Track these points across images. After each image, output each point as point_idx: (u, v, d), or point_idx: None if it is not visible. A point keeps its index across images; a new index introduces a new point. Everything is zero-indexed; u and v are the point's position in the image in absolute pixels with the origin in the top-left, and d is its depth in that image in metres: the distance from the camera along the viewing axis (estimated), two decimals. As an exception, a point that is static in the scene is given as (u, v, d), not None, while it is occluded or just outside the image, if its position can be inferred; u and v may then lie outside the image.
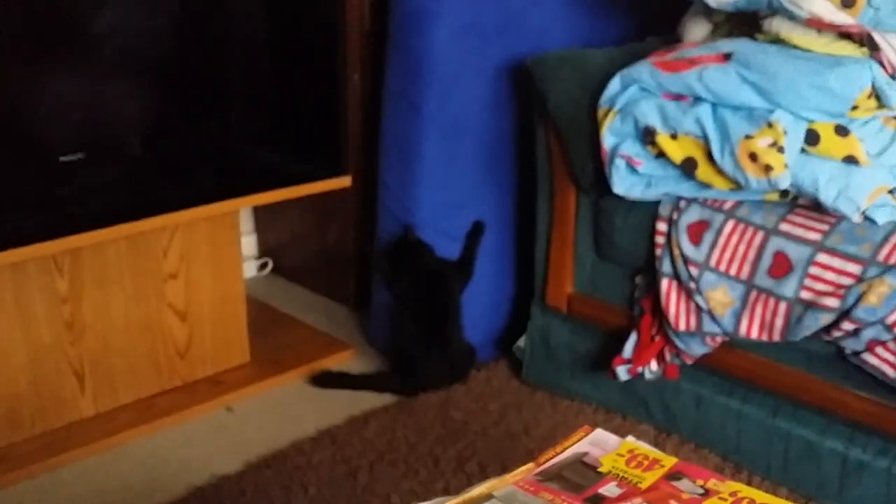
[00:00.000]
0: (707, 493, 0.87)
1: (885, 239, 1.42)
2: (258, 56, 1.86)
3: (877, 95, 1.44)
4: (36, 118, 1.59)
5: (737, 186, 1.49)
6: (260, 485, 1.60)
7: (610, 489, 0.86)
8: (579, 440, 0.95)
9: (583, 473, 0.89)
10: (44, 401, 1.72)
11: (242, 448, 1.72)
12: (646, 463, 0.91)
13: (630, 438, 0.96)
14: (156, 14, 1.70)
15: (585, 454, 0.92)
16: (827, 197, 1.43)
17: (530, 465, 0.90)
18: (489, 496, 0.84)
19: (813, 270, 1.45)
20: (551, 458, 0.91)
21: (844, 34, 1.49)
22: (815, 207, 1.49)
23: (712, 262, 1.55)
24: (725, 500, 0.85)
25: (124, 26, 1.65)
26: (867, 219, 1.46)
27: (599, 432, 0.97)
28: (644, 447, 0.94)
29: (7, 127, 1.55)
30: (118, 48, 1.66)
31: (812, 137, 1.44)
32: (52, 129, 1.62)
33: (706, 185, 1.54)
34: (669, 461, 0.92)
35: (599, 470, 0.90)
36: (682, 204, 1.61)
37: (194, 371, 1.92)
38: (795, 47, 1.51)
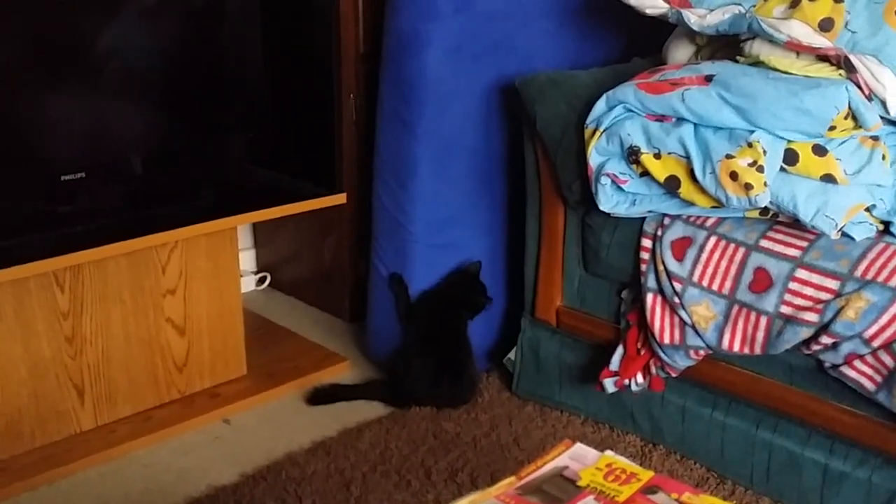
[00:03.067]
0: (682, 506, 0.90)
1: (863, 255, 1.46)
2: (256, 77, 1.89)
3: (854, 116, 1.47)
4: (38, 138, 1.63)
5: (718, 204, 1.53)
6: (256, 496, 1.63)
7: (588, 503, 0.89)
8: (559, 454, 0.98)
9: (562, 487, 0.92)
10: (44, 413, 1.75)
11: (239, 459, 1.76)
12: (623, 477, 0.94)
13: (608, 453, 0.99)
14: (156, 36, 1.74)
15: (565, 468, 0.95)
16: (806, 214, 1.47)
17: (512, 478, 0.93)
18: (471, 509, 0.87)
19: (792, 286, 1.49)
20: (532, 472, 0.94)
21: (822, 57, 1.54)
22: (795, 225, 1.53)
23: (695, 278, 1.59)
24: (699, 512, 0.89)
25: (125, 48, 1.68)
26: (845, 235, 1.50)
27: (579, 446, 1.00)
28: (622, 461, 0.97)
29: (9, 146, 1.59)
30: (118, 69, 1.69)
31: (791, 157, 1.48)
32: (54, 148, 1.65)
33: (689, 203, 1.57)
34: (646, 475, 0.95)
35: (578, 484, 0.92)
36: (667, 221, 1.65)
37: (192, 384, 1.96)
38: (775, 69, 1.56)
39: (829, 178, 1.47)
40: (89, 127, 1.69)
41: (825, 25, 1.55)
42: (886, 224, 1.52)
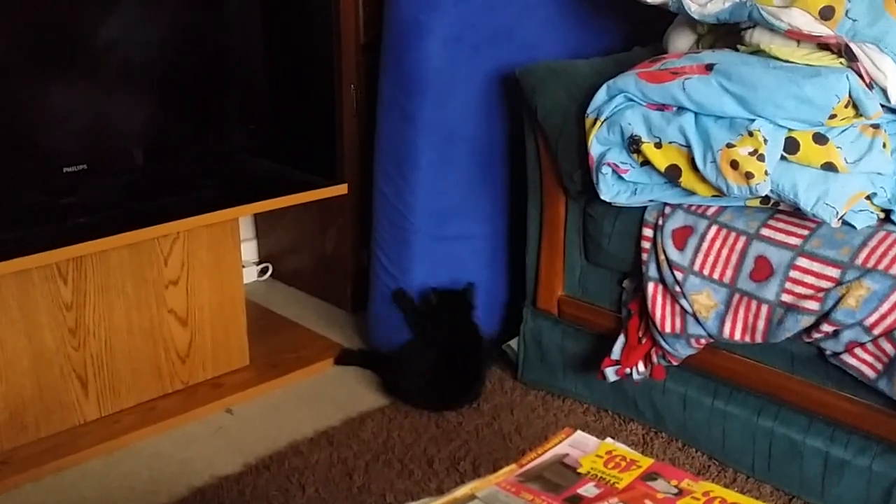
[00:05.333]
0: (681, 492, 0.90)
1: (863, 243, 1.46)
2: (256, 68, 1.90)
3: (854, 105, 1.47)
4: (40, 130, 1.63)
5: (719, 193, 1.53)
6: (259, 485, 1.64)
7: (588, 489, 0.90)
8: (560, 442, 0.98)
9: (562, 474, 0.93)
10: (48, 405, 1.76)
11: (242, 449, 1.76)
12: (623, 464, 0.95)
13: (608, 440, 0.99)
14: (157, 27, 1.74)
15: (566, 455, 0.96)
16: (806, 203, 1.47)
17: (513, 466, 0.93)
18: (472, 496, 0.87)
19: (793, 274, 1.49)
20: (533, 460, 0.94)
21: (823, 45, 1.53)
22: (796, 213, 1.53)
23: (696, 267, 1.59)
24: (698, 499, 0.89)
25: (126, 40, 1.69)
26: (846, 224, 1.50)
27: (580, 434, 1.00)
28: (622, 448, 0.98)
29: (11, 138, 1.59)
30: (120, 61, 1.70)
31: (791, 145, 1.48)
32: (56, 140, 1.66)
33: (690, 192, 1.58)
34: (646, 462, 0.95)
35: (579, 471, 0.93)
36: (668, 210, 1.65)
37: (195, 374, 1.96)
38: (776, 58, 1.55)
39: (829, 167, 1.47)
40: (90, 119, 1.70)
41: (826, 14, 1.55)
42: (887, 212, 1.52)
